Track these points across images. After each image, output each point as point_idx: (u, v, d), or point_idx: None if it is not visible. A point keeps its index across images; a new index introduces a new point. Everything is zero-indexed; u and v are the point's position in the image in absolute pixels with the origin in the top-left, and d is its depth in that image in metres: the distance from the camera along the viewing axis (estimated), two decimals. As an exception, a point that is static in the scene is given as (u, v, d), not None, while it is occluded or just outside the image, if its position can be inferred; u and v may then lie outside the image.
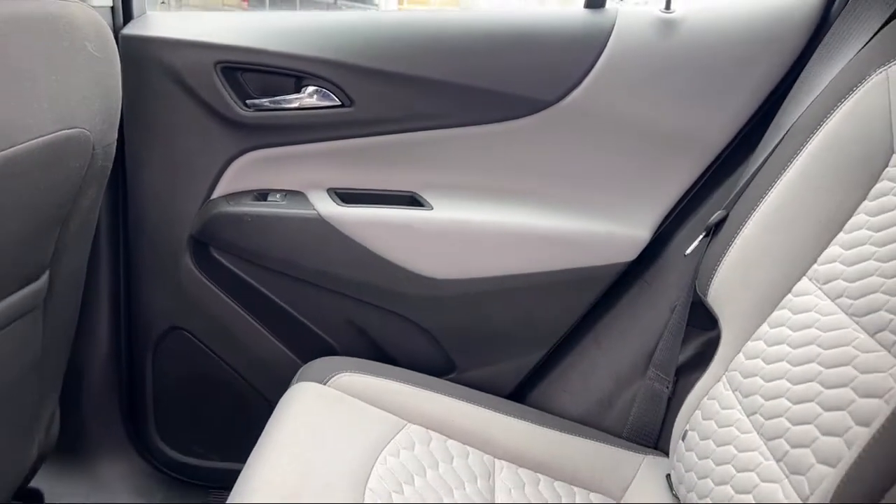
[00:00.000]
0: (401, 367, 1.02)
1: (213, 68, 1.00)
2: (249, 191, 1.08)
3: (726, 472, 0.74)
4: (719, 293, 0.86)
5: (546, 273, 1.06)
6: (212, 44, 1.00)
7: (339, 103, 1.02)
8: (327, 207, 1.05)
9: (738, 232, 0.85)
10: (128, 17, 1.04)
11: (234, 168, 1.07)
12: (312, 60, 1.00)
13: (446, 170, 1.07)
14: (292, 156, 1.07)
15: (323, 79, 1.01)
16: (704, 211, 1.05)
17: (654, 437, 0.99)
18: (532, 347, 1.11)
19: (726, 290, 0.85)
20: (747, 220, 0.84)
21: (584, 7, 1.05)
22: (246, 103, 1.03)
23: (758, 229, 0.83)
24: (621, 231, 1.05)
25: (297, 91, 1.03)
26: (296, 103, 1.03)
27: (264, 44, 1.00)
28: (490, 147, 1.05)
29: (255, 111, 1.03)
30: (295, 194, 1.08)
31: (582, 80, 1.01)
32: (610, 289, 1.09)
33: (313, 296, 1.10)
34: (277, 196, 1.08)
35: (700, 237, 0.95)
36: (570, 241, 1.05)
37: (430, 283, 1.07)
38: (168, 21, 1.05)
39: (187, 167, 1.06)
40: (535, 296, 1.08)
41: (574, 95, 1.02)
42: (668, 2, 1.04)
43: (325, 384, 0.91)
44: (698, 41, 1.01)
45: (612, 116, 1.03)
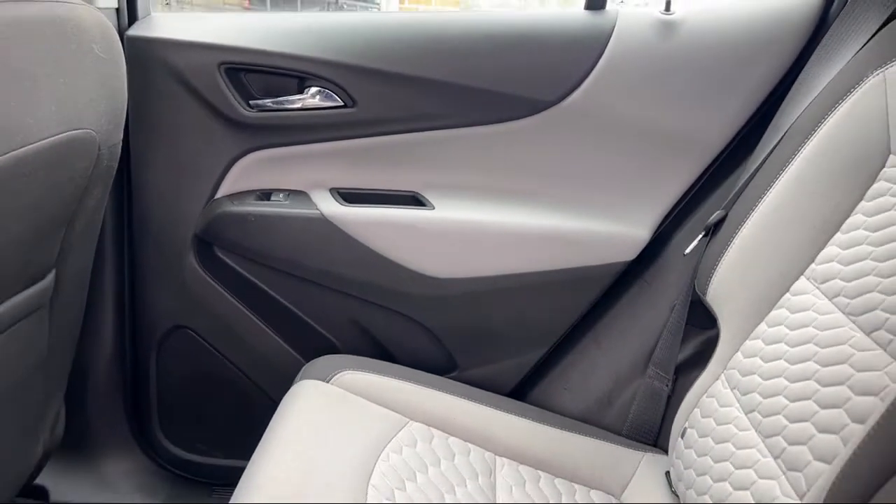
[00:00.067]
0: (403, 365, 1.03)
1: (216, 69, 1.01)
2: (253, 190, 1.09)
3: (724, 468, 0.74)
4: (718, 292, 0.87)
5: (547, 272, 1.07)
6: (215, 45, 1.01)
7: (341, 104, 1.03)
8: (330, 207, 1.06)
9: (737, 232, 0.86)
10: (132, 18, 1.05)
11: (238, 168, 1.08)
12: (315, 61, 1.01)
13: (448, 170, 1.08)
14: (295, 156, 1.07)
15: (325, 79, 1.02)
16: (703, 211, 1.06)
17: (654, 434, 1.00)
18: (533, 346, 1.12)
19: (725, 290, 0.86)
20: (746, 220, 0.85)
21: (584, 8, 1.06)
22: (249, 104, 1.03)
23: (756, 229, 0.83)
24: (621, 231, 1.06)
25: (300, 92, 1.04)
26: (299, 104, 1.03)
27: (267, 45, 1.01)
28: (491, 147, 1.06)
29: (259, 112, 1.03)
30: (298, 194, 1.09)
31: (582, 80, 1.02)
32: (610, 288, 1.09)
33: (316, 294, 1.10)
34: (281, 196, 1.08)
35: (699, 237, 0.96)
36: (571, 240, 1.06)
37: (432, 283, 1.07)
38: (172, 22, 1.05)
39: (191, 167, 1.07)
40: (537, 295, 1.08)
41: (574, 96, 1.02)
42: (668, 3, 1.04)
43: (328, 382, 0.91)
44: (698, 43, 1.01)
45: (612, 117, 1.03)
